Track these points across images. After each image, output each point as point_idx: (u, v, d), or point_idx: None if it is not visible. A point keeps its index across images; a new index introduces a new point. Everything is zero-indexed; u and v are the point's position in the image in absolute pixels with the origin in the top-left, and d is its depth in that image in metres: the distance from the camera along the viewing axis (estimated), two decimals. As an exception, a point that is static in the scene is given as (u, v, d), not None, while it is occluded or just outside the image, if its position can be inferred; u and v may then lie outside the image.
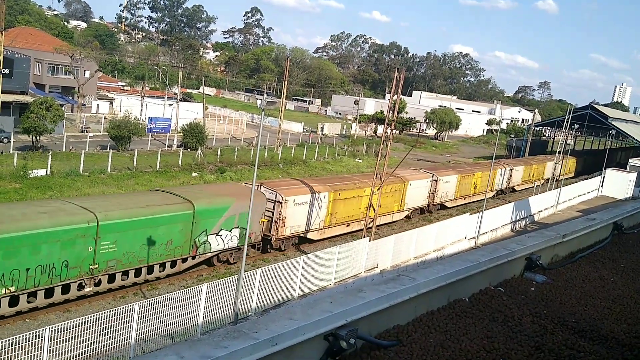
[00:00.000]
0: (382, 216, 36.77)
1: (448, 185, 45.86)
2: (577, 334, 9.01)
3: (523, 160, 66.09)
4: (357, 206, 34.86)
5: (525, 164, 62.06)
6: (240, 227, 26.61)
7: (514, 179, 57.83)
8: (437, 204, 45.12)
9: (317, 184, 33.42)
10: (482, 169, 51.80)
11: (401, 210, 40.24)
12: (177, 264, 24.51)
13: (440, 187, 44.29)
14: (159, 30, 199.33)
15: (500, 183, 54.93)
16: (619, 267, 13.63)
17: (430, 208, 44.52)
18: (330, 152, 65.81)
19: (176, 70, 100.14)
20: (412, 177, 40.97)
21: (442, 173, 45.70)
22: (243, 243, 24.42)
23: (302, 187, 31.72)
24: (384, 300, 7.98)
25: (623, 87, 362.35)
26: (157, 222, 22.90)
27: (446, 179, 45.18)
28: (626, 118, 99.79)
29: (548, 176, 64.82)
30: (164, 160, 45.98)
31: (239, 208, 26.26)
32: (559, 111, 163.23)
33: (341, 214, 33.69)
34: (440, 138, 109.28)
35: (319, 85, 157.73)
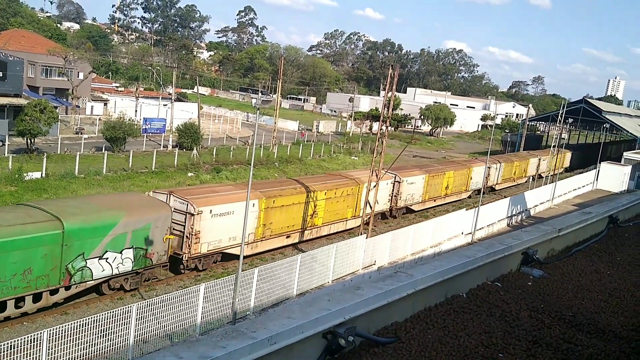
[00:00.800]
0: (330, 224, 33.23)
1: (414, 186, 41.47)
2: (574, 327, 9.05)
3: (504, 157, 61.43)
4: (298, 214, 30.45)
5: (506, 160, 57.66)
6: (136, 247, 22.05)
7: (493, 178, 53.81)
8: (402, 207, 40.62)
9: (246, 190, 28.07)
10: (454, 167, 48.19)
11: (356, 217, 35.38)
12: (44, 297, 19.71)
13: (404, 189, 39.95)
14: (152, 31, 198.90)
15: (477, 182, 50.22)
16: (615, 260, 13.69)
17: (394, 212, 40.15)
18: (326, 150, 65.82)
19: (170, 71, 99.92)
20: (368, 179, 36.32)
21: (407, 173, 41.32)
22: (141, 266, 22.25)
23: (222, 195, 26.93)
24: (381, 297, 8.00)
25: (617, 81, 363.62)
26: (7, 248, 18.23)
27: (411, 180, 40.84)
28: (620, 111, 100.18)
29: (532, 173, 62.49)
30: (159, 161, 45.91)
31: (133, 224, 21.84)
32: (553, 106, 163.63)
33: (278, 224, 29.18)
34: (436, 134, 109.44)
35: (313, 84, 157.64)
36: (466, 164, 49.94)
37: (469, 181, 49.16)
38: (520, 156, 63.70)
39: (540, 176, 63.28)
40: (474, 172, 49.66)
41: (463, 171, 48.16)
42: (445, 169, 46.43)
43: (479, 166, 50.41)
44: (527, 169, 62.29)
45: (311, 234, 32.02)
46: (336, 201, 33.27)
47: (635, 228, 18.67)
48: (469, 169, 48.97)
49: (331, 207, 32.78)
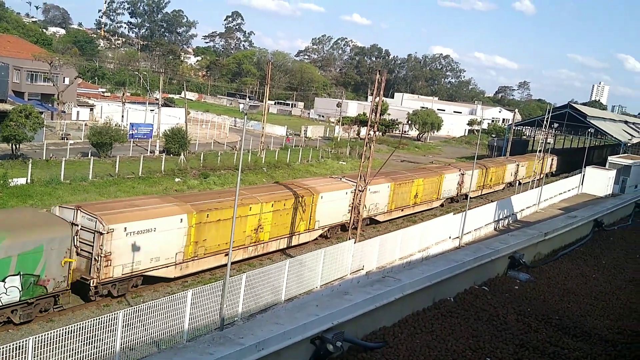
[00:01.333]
0: (279, 239, 30.28)
1: (378, 195, 38.37)
2: (560, 330, 9.12)
3: (479, 163, 57.27)
4: (239, 229, 27.03)
5: (481, 167, 54.26)
6: (24, 273, 18.94)
7: (466, 185, 50.00)
8: (365, 218, 37.32)
9: (175, 203, 25.23)
10: (424, 174, 45.26)
11: (310, 230, 32.66)
12: None
13: (366, 199, 36.02)
14: (139, 36, 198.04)
15: (450, 190, 48.40)
16: (600, 263, 13.83)
17: (356, 224, 37.45)
18: (314, 155, 65.85)
19: (157, 76, 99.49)
20: (324, 188, 33.65)
21: (373, 180, 36.65)
22: (31, 295, 19.34)
23: (142, 210, 23.58)
24: (369, 302, 8.01)
25: (601, 86, 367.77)
26: None
27: (374, 189, 37.44)
28: (604, 116, 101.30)
29: (509, 180, 60.93)
30: (146, 166, 45.65)
31: (18, 247, 18.76)
32: (538, 110, 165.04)
33: (213, 240, 25.95)
34: (423, 139, 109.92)
35: (301, 89, 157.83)
36: (437, 171, 47.64)
37: (440, 189, 46.61)
38: (497, 162, 61.86)
39: (519, 182, 62.22)
40: (445, 179, 47.18)
41: (434, 178, 45.58)
42: (414, 176, 43.67)
43: (451, 173, 48.64)
44: (504, 176, 60.48)
45: (256, 251, 28.84)
46: (286, 213, 30.22)
47: (619, 232, 18.88)
48: (440, 176, 46.49)
49: (280, 220, 29.68)
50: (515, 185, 61.05)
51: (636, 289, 12.14)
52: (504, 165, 60.26)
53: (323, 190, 33.57)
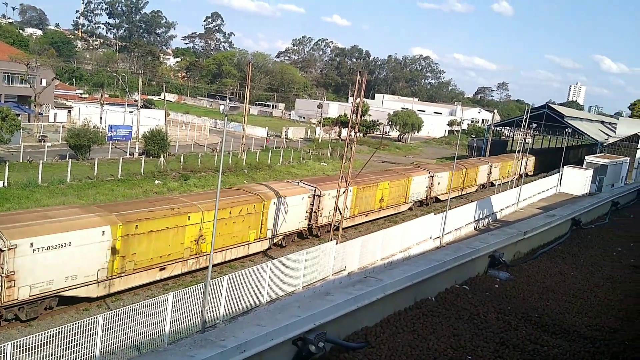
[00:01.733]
0: (225, 250, 27.93)
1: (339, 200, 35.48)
2: (540, 328, 9.23)
3: (449, 164, 55.43)
4: (176, 241, 24.75)
5: (452, 168, 51.29)
6: None
7: (437, 188, 49.19)
8: (325, 224, 34.94)
9: (97, 213, 22.49)
10: (391, 177, 43.08)
11: (262, 239, 30.27)
12: None
13: (326, 204, 34.54)
14: (117, 37, 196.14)
15: (419, 193, 46.57)
16: (578, 261, 14.03)
17: (315, 231, 35.07)
18: (295, 156, 65.82)
19: (136, 77, 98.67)
20: (277, 194, 31.21)
21: (329, 186, 35.46)
22: None
23: (55, 222, 20.72)
24: (351, 303, 8.03)
25: (578, 87, 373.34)
26: None
27: (334, 193, 34.35)
28: (581, 116, 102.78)
29: (482, 181, 59.93)
30: (125, 169, 45.24)
31: None
32: (517, 111, 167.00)
33: (145, 254, 23.39)
34: (404, 140, 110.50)
35: (282, 90, 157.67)
36: (405, 173, 45.50)
37: (408, 192, 44.67)
38: (469, 163, 60.00)
39: (492, 184, 61.73)
40: (414, 182, 45.23)
41: (401, 181, 43.69)
42: (379, 179, 41.42)
43: (420, 175, 46.75)
44: (477, 177, 58.75)
45: (198, 264, 26.27)
46: (232, 222, 27.86)
47: (597, 230, 19.19)
48: (408, 178, 44.61)
49: (226, 229, 27.41)
50: (487, 186, 60.71)
51: (613, 286, 12.34)
52: (476, 166, 58.66)
53: (276, 195, 31.21)
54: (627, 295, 11.41)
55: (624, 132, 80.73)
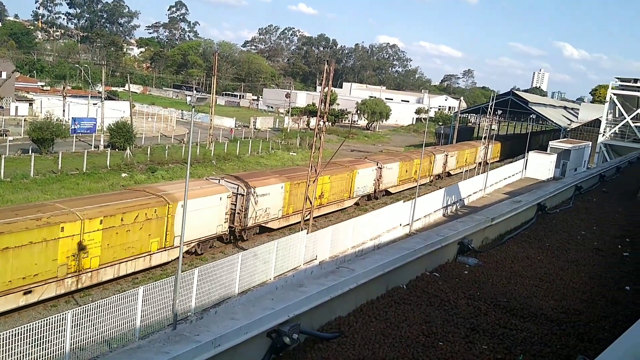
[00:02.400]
0: (119, 263, 23.76)
1: (268, 199, 32.35)
2: (508, 312, 9.44)
3: (401, 154, 54.26)
4: (45, 257, 20.64)
5: (403, 159, 50.50)
6: None
7: (386, 180, 46.65)
8: (252, 226, 31.87)
9: None
10: (331, 170, 38.48)
11: (167, 248, 26.11)
12: None
13: (254, 203, 30.85)
14: (79, 27, 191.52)
15: (365, 187, 43.61)
16: (544, 246, 14.38)
17: (241, 234, 31.42)
18: (264, 147, 65.62)
19: (99, 68, 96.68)
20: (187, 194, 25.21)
21: (258, 182, 32.08)
22: None
23: None
24: (324, 294, 8.08)
25: (541, 73, 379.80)
26: None
27: (262, 191, 31.77)
28: (545, 103, 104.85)
29: (438, 172, 58.26)
30: (90, 162, 44.47)
31: None
32: (482, 98, 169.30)
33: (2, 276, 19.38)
34: (372, 128, 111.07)
35: (249, 80, 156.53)
36: (349, 166, 42.18)
37: (352, 186, 41.51)
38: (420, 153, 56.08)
39: (448, 174, 60.44)
40: (359, 175, 42.05)
41: (343, 175, 40.34)
42: (329, 171, 37.59)
43: (366, 167, 43.52)
44: (432, 167, 56.25)
45: (79, 282, 22.32)
46: (126, 231, 23.82)
47: (562, 214, 19.66)
48: (352, 171, 41.32)
49: (117, 240, 23.44)
50: (443, 177, 59.36)
51: (578, 269, 12.68)
52: (431, 155, 55.74)
53: (183, 197, 26.31)
54: (590, 278, 11.75)
55: (585, 117, 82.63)
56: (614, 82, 66.88)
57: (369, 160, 46.47)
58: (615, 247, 15.07)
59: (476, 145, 65.15)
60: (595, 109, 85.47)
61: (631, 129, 64.16)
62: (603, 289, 11.27)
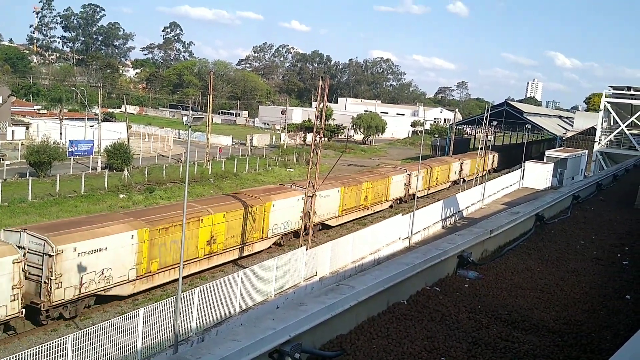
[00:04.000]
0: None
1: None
2: (510, 325, 9.43)
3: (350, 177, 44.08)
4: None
5: (348, 183, 40.15)
6: None
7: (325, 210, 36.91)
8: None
9: None
10: (278, 193, 33.27)
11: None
12: None
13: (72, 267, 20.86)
14: (74, 50, 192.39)
15: (288, 223, 33.39)
16: (543, 256, 14.40)
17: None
18: (261, 163, 65.66)
19: (95, 90, 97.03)
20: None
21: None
22: None
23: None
24: (325, 312, 8.08)
25: (535, 83, 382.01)
26: None
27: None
28: (540, 112, 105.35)
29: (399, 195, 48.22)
30: (88, 184, 44.43)
31: None
32: (477, 109, 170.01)
33: None
34: (368, 142, 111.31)
35: (244, 97, 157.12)
36: (263, 196, 32.03)
37: (264, 224, 31.50)
38: (379, 173, 47.08)
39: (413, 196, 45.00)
40: (274, 207, 31.83)
41: (256, 208, 30.72)
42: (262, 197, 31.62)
43: (292, 197, 33.82)
44: (388, 192, 45.75)
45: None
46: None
47: (560, 224, 19.71)
48: (264, 205, 31.40)
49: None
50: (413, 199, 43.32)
51: (578, 279, 12.69)
52: (385, 178, 45.88)
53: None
54: (591, 288, 11.75)
55: (581, 125, 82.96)
56: (608, 90, 67.30)
57: (297, 186, 35.94)
58: (614, 256, 15.10)
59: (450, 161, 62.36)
60: (590, 117, 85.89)
61: (626, 137, 64.45)
62: (604, 298, 11.27)
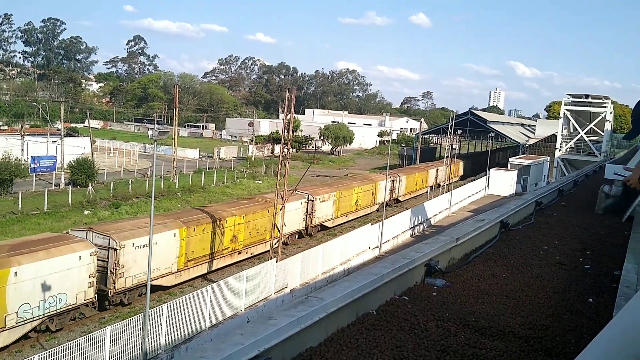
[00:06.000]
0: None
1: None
2: (477, 332, 9.55)
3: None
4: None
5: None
6: None
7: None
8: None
9: None
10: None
11: None
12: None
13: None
14: (35, 65, 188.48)
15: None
16: (508, 263, 14.63)
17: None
18: (229, 176, 65.29)
19: (57, 105, 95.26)
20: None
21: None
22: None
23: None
24: (294, 325, 8.07)
25: (497, 92, 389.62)
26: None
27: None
28: (503, 120, 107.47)
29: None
30: (52, 201, 43.53)
31: None
32: (442, 118, 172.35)
33: None
34: (337, 153, 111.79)
35: (211, 110, 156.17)
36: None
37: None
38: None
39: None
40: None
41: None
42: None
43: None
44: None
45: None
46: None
47: (524, 230, 20.10)
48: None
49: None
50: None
51: (542, 284, 12.94)
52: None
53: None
54: (555, 292, 11.98)
55: (542, 133, 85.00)
56: (567, 98, 69.12)
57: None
58: (577, 260, 15.45)
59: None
60: (551, 124, 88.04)
61: (585, 143, 66.19)
62: (567, 302, 11.51)
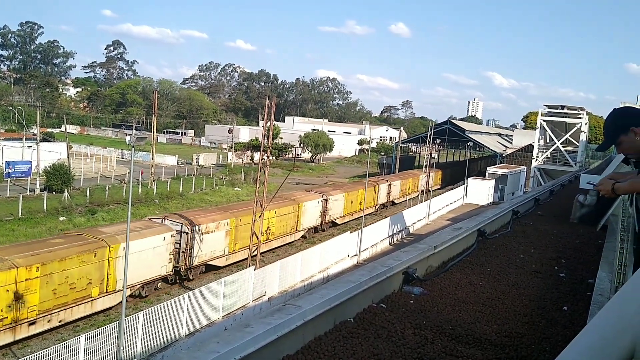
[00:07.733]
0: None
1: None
2: (454, 339, 9.59)
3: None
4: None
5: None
6: None
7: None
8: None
9: None
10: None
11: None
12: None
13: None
14: (12, 69, 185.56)
15: None
16: (485, 271, 14.74)
17: None
18: (208, 183, 64.91)
19: (33, 110, 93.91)
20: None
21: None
22: None
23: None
24: (271, 333, 8.03)
25: (475, 102, 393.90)
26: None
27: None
28: (481, 130, 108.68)
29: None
30: (26, 207, 42.82)
31: None
32: (422, 127, 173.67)
33: None
34: (316, 160, 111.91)
35: (190, 116, 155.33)
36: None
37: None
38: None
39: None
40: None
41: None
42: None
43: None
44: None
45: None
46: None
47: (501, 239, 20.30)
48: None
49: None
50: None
51: (518, 292, 13.06)
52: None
53: None
54: (530, 300, 12.10)
55: (519, 142, 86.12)
56: (543, 109, 70.18)
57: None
58: (552, 268, 15.63)
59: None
60: (527, 134, 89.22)
61: (561, 153, 67.22)
62: (543, 310, 11.62)
